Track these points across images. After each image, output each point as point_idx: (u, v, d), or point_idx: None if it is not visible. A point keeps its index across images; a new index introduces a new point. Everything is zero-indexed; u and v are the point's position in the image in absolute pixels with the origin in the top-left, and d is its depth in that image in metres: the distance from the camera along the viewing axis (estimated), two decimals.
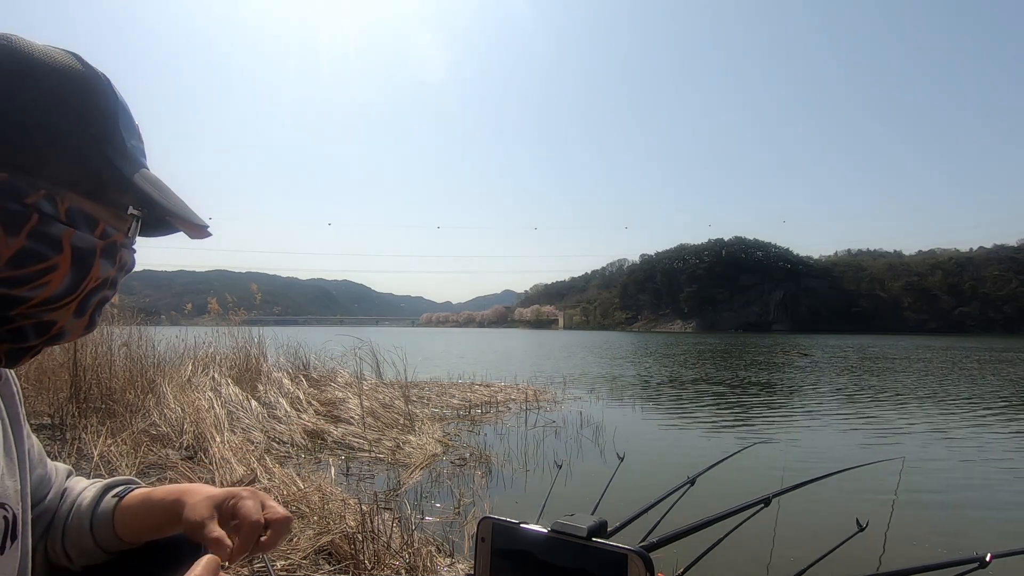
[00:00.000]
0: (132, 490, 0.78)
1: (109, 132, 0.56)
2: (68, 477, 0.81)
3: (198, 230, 0.63)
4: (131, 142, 0.59)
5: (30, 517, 0.64)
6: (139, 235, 0.66)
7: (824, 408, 8.82)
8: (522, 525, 0.64)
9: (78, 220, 0.55)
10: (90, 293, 0.59)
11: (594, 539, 0.60)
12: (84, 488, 0.79)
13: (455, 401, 7.88)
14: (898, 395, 10.57)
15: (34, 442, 0.74)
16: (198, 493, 0.70)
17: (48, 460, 0.78)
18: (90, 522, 0.74)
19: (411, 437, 5.29)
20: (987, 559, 1.01)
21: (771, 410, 8.67)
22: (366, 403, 6.02)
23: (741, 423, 7.58)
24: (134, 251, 0.64)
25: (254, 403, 5.27)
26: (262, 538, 0.66)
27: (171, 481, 3.16)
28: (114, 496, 0.77)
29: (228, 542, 0.63)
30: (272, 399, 5.62)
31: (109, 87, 0.58)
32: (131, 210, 0.59)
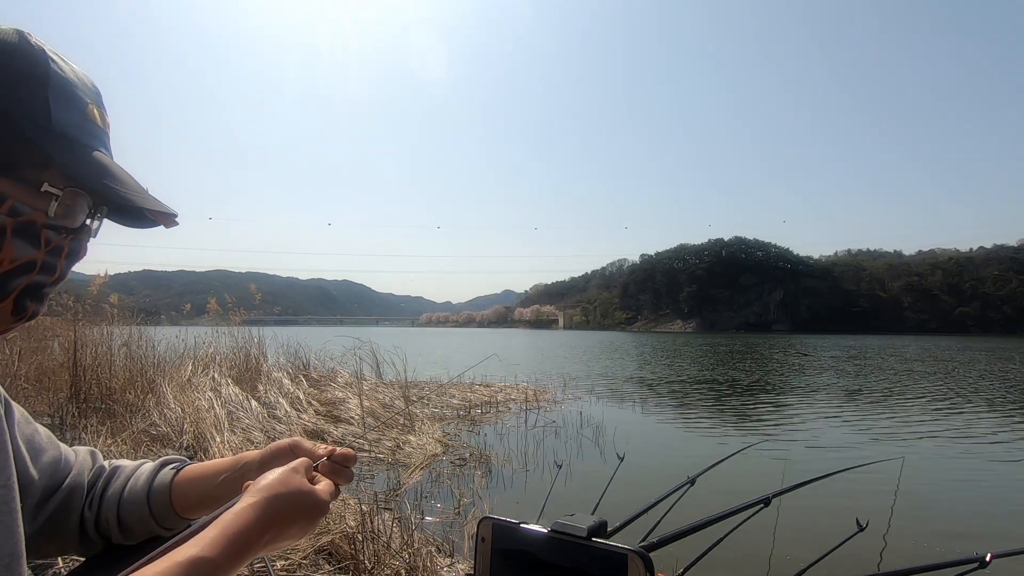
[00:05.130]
0: (188, 465, 0.80)
1: (28, 106, 0.53)
2: (94, 457, 0.83)
3: (162, 216, 0.62)
4: (64, 118, 0.55)
5: (20, 515, 0.63)
6: (119, 223, 0.66)
7: (824, 408, 8.82)
8: (522, 525, 0.64)
9: None
10: (6, 276, 0.55)
11: (594, 539, 0.60)
12: (140, 464, 0.82)
13: (455, 401, 7.87)
14: (897, 395, 10.57)
15: (38, 428, 0.75)
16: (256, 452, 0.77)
17: (62, 444, 0.79)
18: (147, 495, 0.76)
19: (411, 437, 5.29)
20: (987, 559, 1.01)
21: (771, 410, 8.66)
22: (366, 403, 6.02)
23: (741, 423, 7.58)
24: (72, 234, 0.59)
25: (254, 403, 5.26)
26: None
27: None
28: (172, 468, 0.79)
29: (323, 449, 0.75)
30: (272, 399, 5.62)
31: (40, 59, 0.55)
32: (46, 187, 0.55)
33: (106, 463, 0.82)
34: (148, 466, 0.80)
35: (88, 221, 0.61)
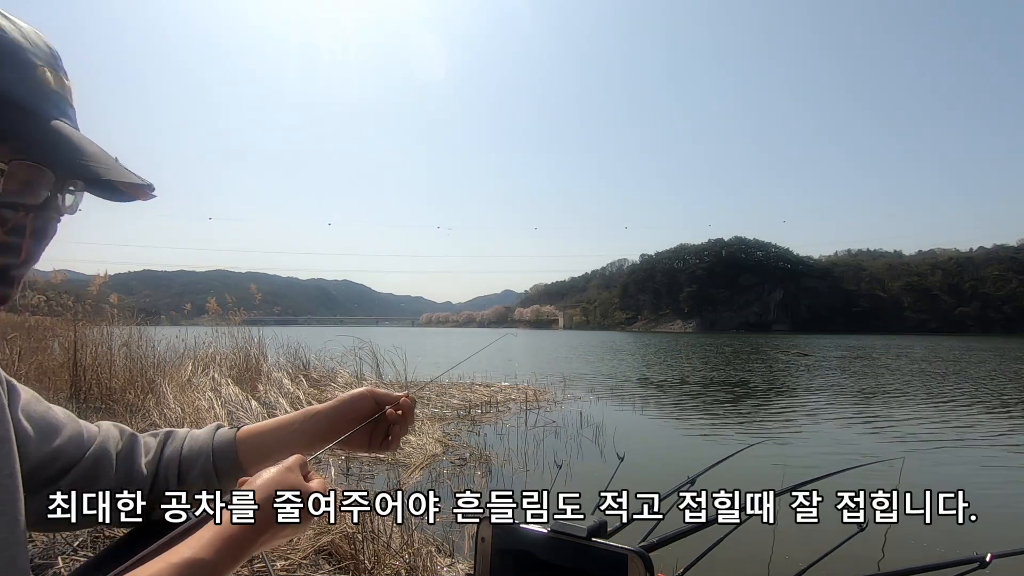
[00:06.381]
0: (245, 425, 0.83)
1: None
2: (121, 429, 0.82)
3: (135, 189, 0.58)
4: (8, 85, 0.50)
5: (23, 504, 0.60)
6: (96, 196, 0.61)
7: (824, 408, 8.82)
8: (522, 525, 0.64)
9: None
10: None
11: (594, 539, 0.60)
12: (190, 429, 0.83)
13: (455, 401, 7.87)
14: (898, 395, 10.57)
15: (51, 406, 0.74)
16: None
17: (80, 420, 0.78)
18: (211, 447, 0.78)
19: (411, 437, 5.29)
20: (987, 559, 1.00)
21: (771, 410, 8.66)
22: None
23: (741, 423, 7.58)
24: (35, 211, 0.54)
25: (254, 403, 5.26)
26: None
27: None
28: (231, 427, 0.81)
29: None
30: (272, 399, 5.62)
31: None
32: None
33: (144, 434, 0.83)
34: (202, 429, 0.82)
35: (59, 197, 0.56)
